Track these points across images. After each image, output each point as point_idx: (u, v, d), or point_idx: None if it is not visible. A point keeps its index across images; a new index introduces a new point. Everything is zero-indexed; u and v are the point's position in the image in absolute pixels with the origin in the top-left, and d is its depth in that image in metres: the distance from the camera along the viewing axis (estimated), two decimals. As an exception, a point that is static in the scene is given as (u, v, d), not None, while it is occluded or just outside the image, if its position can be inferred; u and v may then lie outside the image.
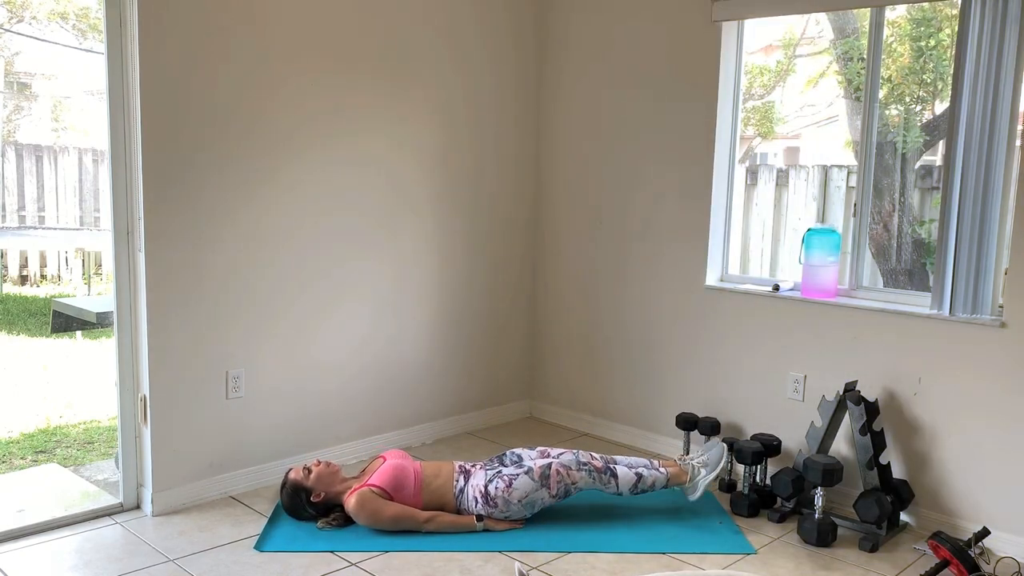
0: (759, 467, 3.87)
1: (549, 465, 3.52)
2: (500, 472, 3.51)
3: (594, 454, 3.65)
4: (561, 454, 3.63)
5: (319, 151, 3.93)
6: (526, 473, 3.49)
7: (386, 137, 4.19)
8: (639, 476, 3.57)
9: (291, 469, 3.59)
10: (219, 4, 3.53)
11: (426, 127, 4.34)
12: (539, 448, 3.74)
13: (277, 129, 3.78)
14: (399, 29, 4.16)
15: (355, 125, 4.05)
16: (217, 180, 3.62)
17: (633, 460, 3.66)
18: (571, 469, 3.53)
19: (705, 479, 3.62)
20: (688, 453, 4.21)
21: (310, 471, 3.52)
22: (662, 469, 3.62)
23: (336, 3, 3.91)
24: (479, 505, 3.48)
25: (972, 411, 3.48)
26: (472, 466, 3.61)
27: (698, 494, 3.63)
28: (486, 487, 3.47)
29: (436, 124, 4.38)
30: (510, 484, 3.46)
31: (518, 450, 3.75)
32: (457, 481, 3.53)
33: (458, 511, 3.51)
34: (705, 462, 3.65)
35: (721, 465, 3.65)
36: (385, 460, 3.60)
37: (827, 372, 3.86)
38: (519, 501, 3.47)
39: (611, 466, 3.59)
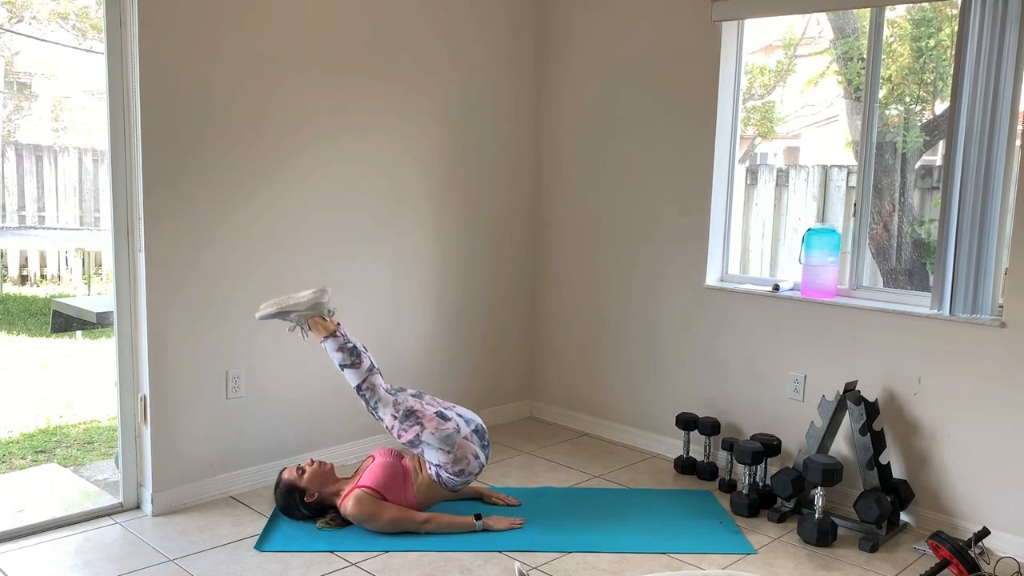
0: (759, 467, 3.87)
1: (403, 443, 3.49)
2: (431, 464, 3.50)
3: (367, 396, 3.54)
4: (388, 431, 3.56)
5: (319, 151, 3.94)
6: (424, 454, 3.48)
7: (387, 137, 4.19)
8: (341, 365, 3.49)
9: (285, 468, 3.59)
10: (219, 4, 3.53)
11: (426, 127, 4.34)
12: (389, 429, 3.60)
13: (277, 129, 3.78)
14: (399, 29, 4.16)
15: (355, 125, 4.05)
16: (217, 180, 3.62)
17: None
18: (388, 424, 3.49)
19: (297, 309, 3.50)
20: (688, 453, 4.22)
21: (304, 471, 3.52)
22: (323, 344, 3.52)
23: (336, 3, 3.91)
24: (457, 482, 3.50)
25: (972, 411, 3.48)
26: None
27: (306, 300, 3.50)
28: (447, 475, 3.48)
29: (436, 124, 4.38)
30: (438, 463, 3.46)
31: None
32: (431, 472, 3.53)
33: (452, 490, 3.54)
34: (293, 321, 3.53)
35: (273, 311, 3.50)
36: (375, 459, 3.60)
37: (827, 372, 3.86)
38: (450, 451, 3.45)
39: (354, 388, 3.52)
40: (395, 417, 3.49)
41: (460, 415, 3.58)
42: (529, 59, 4.78)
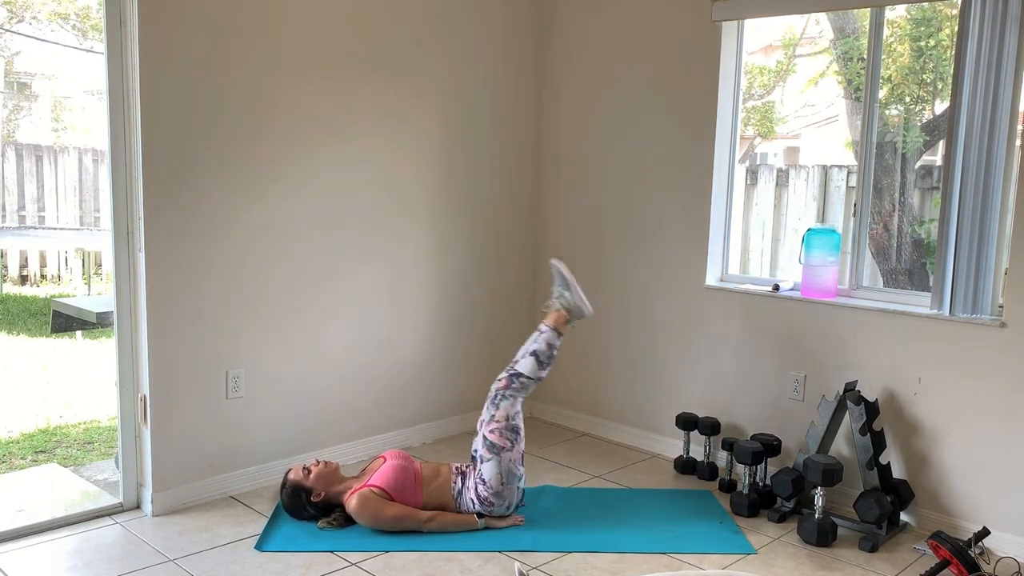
0: (759, 467, 3.87)
1: (485, 438, 3.52)
2: (479, 474, 3.52)
3: (499, 377, 3.60)
4: (483, 420, 3.58)
5: (320, 154, 3.93)
6: (486, 461, 3.50)
7: (386, 140, 4.19)
8: (535, 352, 3.55)
9: (290, 469, 3.59)
10: (220, 4, 3.53)
11: (426, 131, 4.34)
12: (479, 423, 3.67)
13: (279, 130, 3.78)
14: (399, 34, 4.16)
15: (355, 129, 4.05)
16: (217, 179, 3.62)
17: (526, 345, 3.61)
18: (498, 418, 3.51)
19: (573, 295, 3.60)
20: (688, 453, 4.22)
21: (309, 471, 3.52)
22: (544, 327, 3.59)
23: (337, 9, 3.90)
24: (478, 506, 3.49)
25: (972, 411, 3.48)
26: (468, 467, 3.61)
27: (586, 307, 3.61)
28: (477, 493, 3.49)
29: (436, 127, 4.38)
30: (485, 480, 3.48)
31: (474, 443, 3.69)
32: (455, 483, 3.53)
33: (458, 512, 3.52)
34: (559, 292, 3.63)
35: (567, 276, 3.61)
36: (385, 460, 3.60)
37: (827, 372, 3.86)
38: (503, 484, 3.47)
39: (513, 371, 3.56)
40: (506, 419, 3.52)
41: (524, 474, 3.58)
42: (529, 59, 4.78)
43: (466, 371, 4.72)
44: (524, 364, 3.56)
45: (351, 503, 3.42)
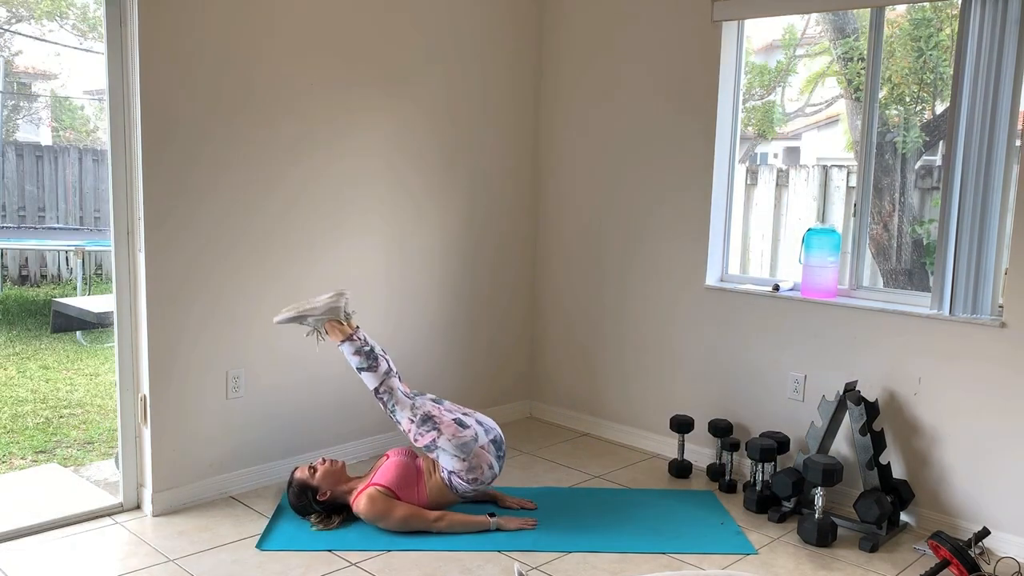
0: (769, 464, 3.84)
1: (418, 447, 3.55)
2: (444, 471, 3.52)
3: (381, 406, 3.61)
4: (403, 428, 3.58)
5: (319, 154, 3.93)
6: (440, 461, 3.50)
7: (387, 142, 4.18)
8: (359, 369, 3.54)
9: (297, 468, 3.59)
10: (221, 4, 3.53)
11: (426, 131, 4.34)
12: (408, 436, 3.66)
13: (278, 130, 3.78)
14: (400, 34, 4.16)
15: (355, 129, 4.05)
16: (217, 180, 3.61)
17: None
18: (406, 428, 3.53)
19: (315, 314, 3.56)
20: (683, 456, 4.22)
21: (316, 469, 3.52)
22: (340, 347, 3.57)
23: (339, 7, 3.90)
24: (466, 488, 3.51)
25: (972, 411, 3.48)
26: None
27: (334, 304, 3.58)
28: (451, 481, 3.50)
29: (436, 127, 4.38)
30: (453, 471, 3.48)
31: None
32: (442, 473, 3.54)
33: (461, 496, 3.54)
34: (310, 326, 3.60)
35: (292, 315, 3.57)
36: (389, 458, 3.60)
37: (827, 372, 3.86)
38: (465, 460, 3.47)
39: (371, 391, 3.58)
40: (412, 421, 3.52)
41: (480, 423, 3.59)
42: (529, 59, 4.78)
43: (466, 370, 4.72)
44: (367, 381, 3.57)
45: (359, 504, 3.43)
